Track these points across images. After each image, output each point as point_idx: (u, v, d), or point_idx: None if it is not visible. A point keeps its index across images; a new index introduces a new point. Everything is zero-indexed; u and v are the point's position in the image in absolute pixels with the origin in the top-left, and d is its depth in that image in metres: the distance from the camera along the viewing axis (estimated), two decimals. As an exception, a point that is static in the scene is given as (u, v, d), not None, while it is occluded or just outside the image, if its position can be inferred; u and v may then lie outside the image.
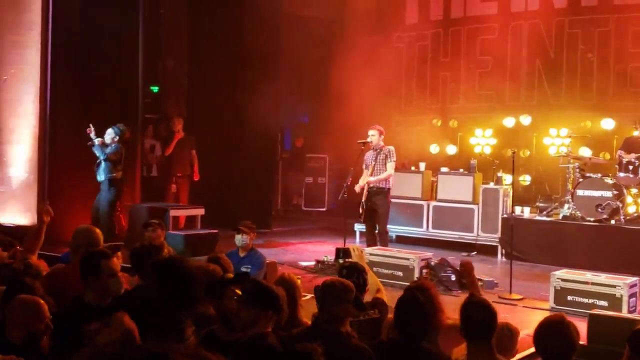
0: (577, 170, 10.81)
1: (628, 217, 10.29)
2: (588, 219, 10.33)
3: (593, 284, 7.59)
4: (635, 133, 10.77)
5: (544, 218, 10.98)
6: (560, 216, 10.77)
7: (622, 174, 10.42)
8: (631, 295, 7.44)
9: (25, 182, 9.85)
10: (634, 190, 10.52)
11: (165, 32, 13.91)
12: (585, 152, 11.32)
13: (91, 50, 10.15)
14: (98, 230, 5.30)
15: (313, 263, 9.73)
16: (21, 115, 9.86)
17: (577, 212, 10.49)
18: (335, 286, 4.04)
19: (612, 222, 10.22)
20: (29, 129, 9.83)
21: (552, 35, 12.58)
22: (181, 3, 13.85)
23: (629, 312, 7.23)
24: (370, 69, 12.80)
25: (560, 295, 7.72)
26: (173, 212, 10.58)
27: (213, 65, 12.86)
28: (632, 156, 10.35)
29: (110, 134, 9.72)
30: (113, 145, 9.71)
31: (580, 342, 5.54)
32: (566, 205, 10.76)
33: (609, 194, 10.24)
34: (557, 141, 11.93)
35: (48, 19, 9.71)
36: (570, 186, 10.88)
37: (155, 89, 13.77)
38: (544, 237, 10.59)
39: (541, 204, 11.32)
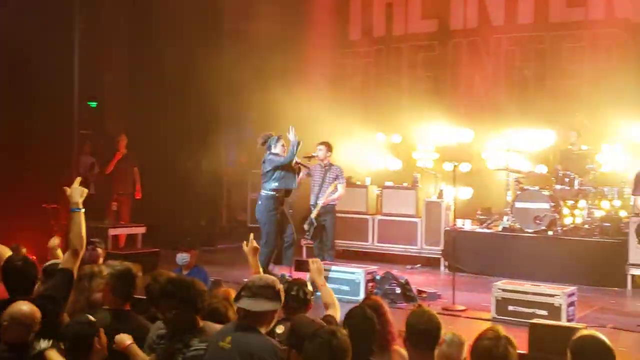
0: (516, 183, 11.12)
1: (564, 228, 10.59)
2: (527, 230, 10.62)
3: (533, 293, 7.76)
4: (570, 147, 11.13)
5: (485, 230, 11.20)
6: (500, 228, 11.02)
7: (558, 187, 10.74)
8: (570, 304, 7.63)
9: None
10: (570, 202, 10.83)
11: (104, 45, 13.67)
12: (524, 165, 11.59)
13: (23, 66, 9.88)
14: None
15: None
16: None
17: (516, 224, 10.76)
18: (253, 281, 4.05)
19: (550, 233, 10.52)
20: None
21: (490, 52, 12.87)
22: (121, 15, 13.66)
23: (568, 320, 7.40)
24: (313, 84, 12.87)
25: (502, 305, 7.85)
26: (113, 231, 10.38)
27: (154, 79, 12.73)
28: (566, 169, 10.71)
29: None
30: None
31: (521, 352, 5.71)
32: (505, 217, 11.02)
33: (546, 205, 10.53)
34: (496, 155, 12.18)
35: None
36: (509, 199, 11.16)
37: (93, 104, 13.52)
38: (485, 248, 10.81)
39: (481, 216, 11.56)
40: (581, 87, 11.92)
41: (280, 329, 4.30)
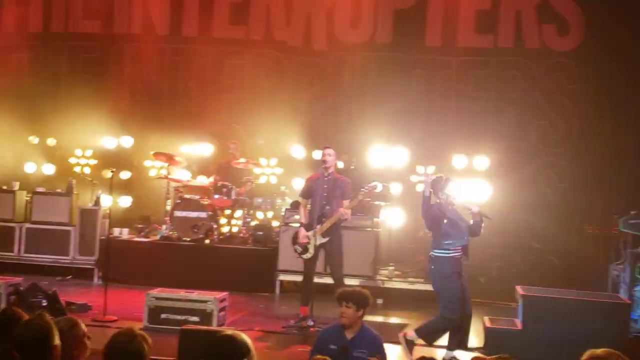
0: (176, 192, 11.14)
1: (221, 237, 10.90)
2: (185, 238, 10.71)
3: (186, 300, 7.82)
4: (228, 159, 11.49)
5: (142, 239, 11.02)
6: (159, 236, 10.94)
7: (217, 196, 10.98)
8: (221, 310, 7.82)
9: None
10: (227, 212, 11.17)
11: None
12: (184, 175, 11.62)
13: None
14: None
15: None
16: None
17: (175, 233, 10.77)
18: None
19: (207, 241, 10.72)
20: None
21: (154, 60, 12.70)
22: None
23: (219, 325, 7.55)
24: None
25: (154, 313, 7.81)
26: None
27: None
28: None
29: None
30: None
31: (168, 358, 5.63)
32: (164, 226, 10.97)
33: (204, 214, 10.73)
34: (157, 164, 12.05)
35: None
36: (169, 207, 11.11)
37: None
38: (142, 258, 10.67)
39: (140, 225, 11.35)
40: (241, 102, 12.40)
41: None
